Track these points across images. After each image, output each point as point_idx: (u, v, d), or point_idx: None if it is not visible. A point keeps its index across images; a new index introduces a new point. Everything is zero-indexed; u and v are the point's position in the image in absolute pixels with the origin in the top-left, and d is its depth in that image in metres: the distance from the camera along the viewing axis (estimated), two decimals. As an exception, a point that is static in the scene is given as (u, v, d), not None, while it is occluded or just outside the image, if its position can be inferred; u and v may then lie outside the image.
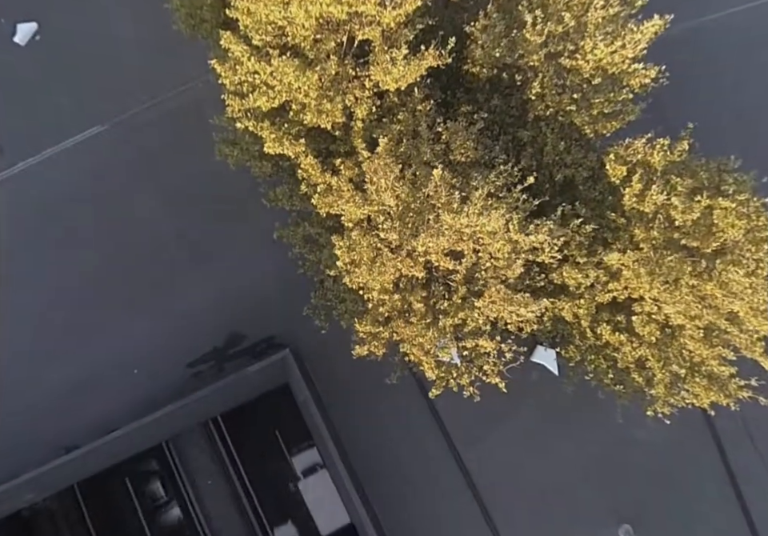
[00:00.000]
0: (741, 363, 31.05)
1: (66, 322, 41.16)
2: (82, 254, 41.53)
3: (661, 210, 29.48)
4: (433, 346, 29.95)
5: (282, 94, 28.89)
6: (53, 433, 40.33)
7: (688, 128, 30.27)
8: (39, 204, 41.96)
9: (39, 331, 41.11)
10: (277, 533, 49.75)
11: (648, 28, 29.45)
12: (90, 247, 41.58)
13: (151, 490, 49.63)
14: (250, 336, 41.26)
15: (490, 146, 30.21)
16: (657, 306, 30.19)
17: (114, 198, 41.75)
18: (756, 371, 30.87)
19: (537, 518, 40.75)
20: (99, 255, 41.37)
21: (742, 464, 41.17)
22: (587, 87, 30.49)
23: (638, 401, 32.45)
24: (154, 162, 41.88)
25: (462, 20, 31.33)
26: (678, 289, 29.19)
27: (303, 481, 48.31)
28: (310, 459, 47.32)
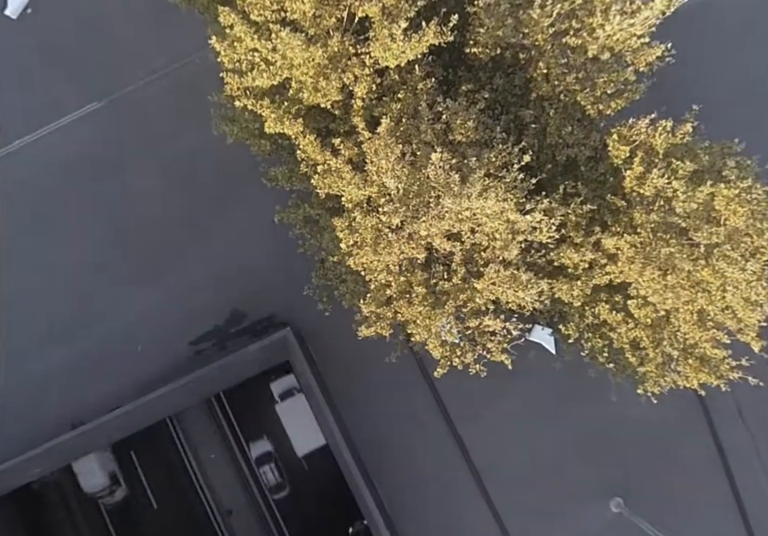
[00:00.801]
0: (732, 343, 29.56)
1: (67, 301, 39.42)
2: (81, 231, 39.63)
3: (661, 193, 27.57)
4: (437, 327, 28.45)
5: (283, 70, 26.74)
6: (58, 409, 38.99)
7: (693, 110, 28.10)
8: (38, 181, 39.80)
9: (42, 310, 39.37)
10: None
11: (658, 4, 27.30)
12: (89, 224, 39.63)
13: (156, 462, 48.74)
14: (251, 315, 39.65)
15: (490, 125, 28.16)
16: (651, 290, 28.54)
17: (112, 175, 39.61)
18: (748, 351, 29.11)
19: (531, 491, 39.81)
20: (99, 232, 39.49)
21: (731, 440, 40.11)
22: (591, 66, 28.41)
23: (630, 379, 31.11)
24: (153, 138, 39.60)
25: None
26: (673, 273, 27.45)
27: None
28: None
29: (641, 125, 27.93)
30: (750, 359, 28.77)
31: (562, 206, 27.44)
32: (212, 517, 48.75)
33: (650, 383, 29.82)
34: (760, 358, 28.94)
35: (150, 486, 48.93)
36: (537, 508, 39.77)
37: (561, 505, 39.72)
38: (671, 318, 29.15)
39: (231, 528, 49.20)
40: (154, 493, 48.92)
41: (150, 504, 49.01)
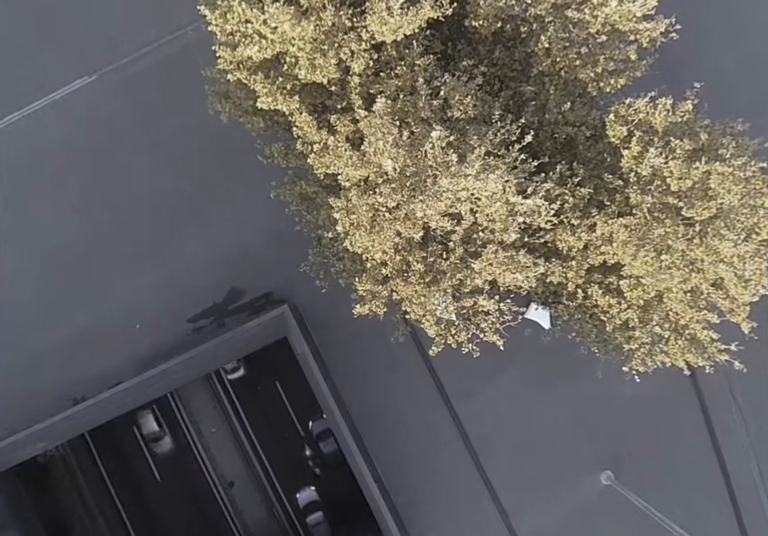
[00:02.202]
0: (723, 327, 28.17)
1: (65, 279, 37.47)
2: (75, 208, 37.46)
3: (658, 173, 25.84)
4: (433, 305, 27.26)
5: (276, 44, 24.68)
6: (60, 385, 37.29)
7: (694, 88, 26.12)
8: (31, 158, 37.44)
9: (40, 288, 37.44)
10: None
11: None
12: (85, 202, 37.42)
13: (158, 437, 47.59)
14: (249, 291, 37.84)
15: (489, 102, 26.31)
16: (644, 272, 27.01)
17: (106, 151, 37.30)
18: (738, 335, 27.77)
19: (525, 464, 38.70)
20: (94, 210, 37.33)
21: (721, 419, 38.79)
22: (593, 42, 26.39)
23: (620, 357, 29.92)
24: (146, 114, 37.19)
25: None
26: (667, 253, 25.89)
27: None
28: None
29: (639, 104, 25.95)
30: (739, 344, 27.51)
31: (560, 187, 25.79)
32: (214, 489, 48.07)
33: (636, 362, 28.54)
34: (751, 342, 27.58)
35: (154, 460, 47.92)
36: (530, 480, 38.71)
37: (553, 477, 38.68)
38: (663, 299, 27.63)
39: (233, 499, 48.70)
40: (157, 467, 47.95)
41: (153, 477, 48.13)
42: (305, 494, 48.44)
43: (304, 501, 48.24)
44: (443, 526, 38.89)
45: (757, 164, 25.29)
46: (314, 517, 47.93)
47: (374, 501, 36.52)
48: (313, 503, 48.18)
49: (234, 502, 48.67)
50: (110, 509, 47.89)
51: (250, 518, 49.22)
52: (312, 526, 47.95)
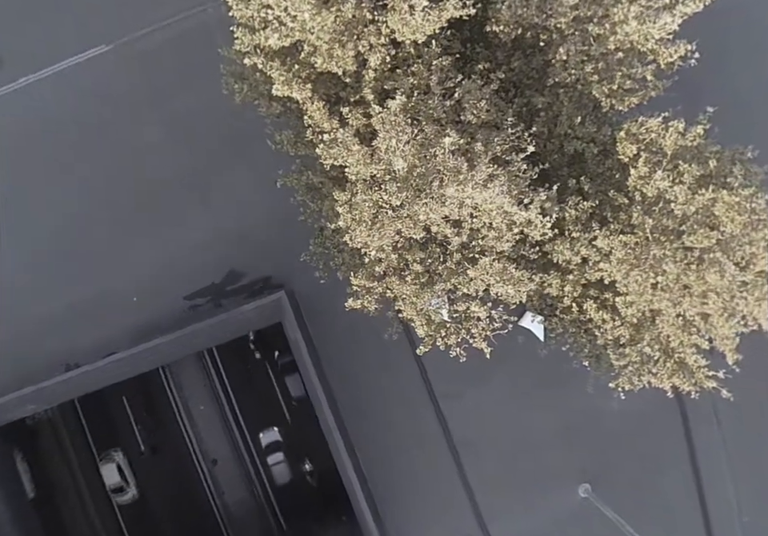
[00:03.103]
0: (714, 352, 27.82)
1: (65, 249, 37.30)
2: (82, 178, 37.15)
3: (663, 195, 25.29)
4: (425, 305, 26.88)
5: (295, 32, 24.16)
6: (54, 350, 37.23)
7: (706, 112, 25.55)
8: (40, 123, 37.09)
9: (42, 254, 37.34)
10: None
11: (681, 9, 24.58)
12: (89, 174, 37.13)
13: (147, 409, 47.39)
14: (248, 274, 37.57)
15: (503, 107, 25.83)
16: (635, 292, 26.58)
17: (116, 122, 36.95)
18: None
19: (505, 469, 38.44)
20: (99, 183, 37.02)
21: (704, 443, 38.49)
22: (612, 58, 25.85)
23: (610, 373, 29.61)
24: (158, 89, 36.79)
25: None
26: (663, 276, 25.38)
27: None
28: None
29: (651, 124, 25.37)
30: (727, 372, 26.93)
31: (560, 204, 25.45)
32: (198, 465, 47.90)
33: (623, 379, 28.02)
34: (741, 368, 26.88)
35: (140, 432, 47.72)
36: (508, 485, 38.45)
37: (532, 484, 38.38)
38: (656, 320, 27.16)
39: (215, 476, 48.52)
40: (142, 438, 47.78)
41: (138, 448, 47.93)
42: (268, 434, 48.10)
43: (266, 440, 47.96)
44: (418, 522, 38.56)
45: (764, 196, 24.70)
46: (274, 456, 47.75)
47: (355, 494, 36.41)
48: (274, 443, 47.88)
49: (216, 479, 48.50)
50: (93, 476, 47.76)
51: (231, 496, 49.07)
52: (272, 465, 47.82)
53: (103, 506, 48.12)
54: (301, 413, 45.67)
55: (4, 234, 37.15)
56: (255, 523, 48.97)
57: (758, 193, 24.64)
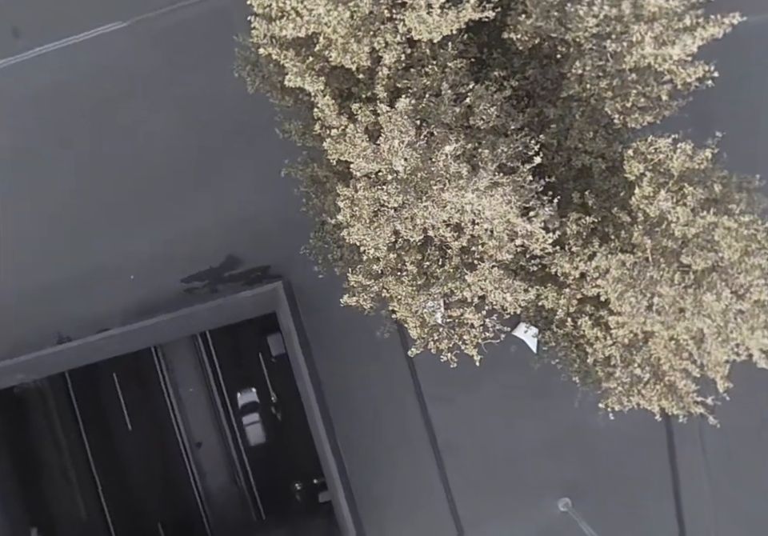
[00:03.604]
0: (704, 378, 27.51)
1: (66, 222, 37.08)
2: (88, 153, 36.88)
3: (665, 216, 25.03)
4: (420, 308, 26.71)
5: (311, 25, 23.92)
6: (48, 322, 37.11)
7: (716, 137, 25.19)
8: (49, 95, 36.71)
9: (44, 225, 37.16)
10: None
11: (701, 32, 24.16)
12: (97, 148, 36.80)
13: (136, 387, 47.34)
14: (246, 262, 37.34)
15: (513, 115, 25.56)
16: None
17: (125, 100, 36.60)
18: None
19: (486, 476, 38.05)
20: (106, 158, 36.73)
21: (687, 467, 38.01)
22: (627, 76, 25.46)
23: (596, 390, 29.51)
24: (172, 69, 36.40)
25: None
26: (658, 297, 25.09)
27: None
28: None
29: (661, 144, 25.07)
30: (716, 399, 26.81)
31: (562, 217, 25.28)
32: (182, 446, 47.85)
33: (612, 399, 27.87)
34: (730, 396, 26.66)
35: (128, 408, 47.70)
36: (488, 494, 38.04)
37: (512, 494, 38.00)
38: (649, 341, 26.90)
39: (198, 459, 48.46)
40: (130, 415, 47.74)
41: (125, 425, 47.90)
42: (246, 395, 48.07)
43: (243, 401, 47.93)
44: (394, 519, 38.32)
45: (764, 223, 24.44)
46: (250, 416, 47.68)
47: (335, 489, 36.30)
48: (251, 404, 47.80)
49: (200, 462, 48.45)
50: (78, 449, 47.69)
51: (213, 481, 49.02)
52: (246, 424, 47.72)
53: (85, 479, 48.14)
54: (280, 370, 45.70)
55: (7, 202, 37.01)
56: (235, 509, 48.89)
57: (758, 220, 24.38)
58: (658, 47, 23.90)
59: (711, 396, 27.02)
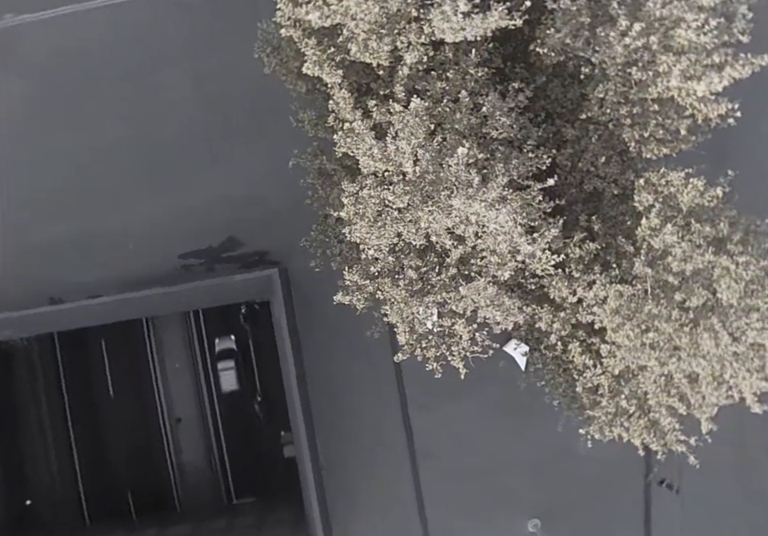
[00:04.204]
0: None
1: (75, 181, 36.93)
2: (101, 117, 36.68)
3: (669, 250, 24.71)
4: (411, 314, 26.60)
5: (337, 15, 23.58)
6: (41, 282, 37.16)
7: (727, 175, 24.99)
8: (75, 54, 36.54)
9: (50, 184, 36.99)
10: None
11: (729, 71, 23.76)
12: (111, 113, 36.65)
13: (123, 356, 47.17)
14: (246, 245, 37.24)
15: (529, 129, 25.18)
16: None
17: (145, 67, 36.47)
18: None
19: (460, 488, 37.81)
20: (118, 124, 36.59)
21: (661, 503, 37.79)
22: (649, 105, 25.08)
23: (580, 416, 29.46)
24: (192, 45, 36.22)
25: None
26: (654, 332, 24.87)
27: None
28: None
29: (673, 177, 24.71)
30: (698, 440, 26.61)
31: (566, 239, 25.02)
32: (161, 420, 47.54)
33: (594, 428, 27.79)
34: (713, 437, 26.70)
35: (112, 376, 47.53)
36: (460, 506, 37.91)
37: (483, 510, 37.81)
38: (638, 375, 26.65)
39: (176, 435, 48.13)
40: (113, 383, 47.57)
41: (107, 391, 47.73)
42: (224, 341, 47.78)
43: (221, 346, 47.75)
44: (363, 520, 38.19)
45: (760, 264, 24.14)
46: (225, 363, 47.40)
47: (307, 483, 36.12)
48: (228, 350, 47.55)
49: (177, 439, 48.11)
50: (57, 410, 47.45)
51: (188, 459, 48.68)
52: (221, 370, 47.36)
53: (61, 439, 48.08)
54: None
55: (16, 158, 36.92)
56: (206, 490, 48.66)
57: (756, 261, 24.07)
58: (683, 81, 23.47)
59: (694, 436, 26.73)
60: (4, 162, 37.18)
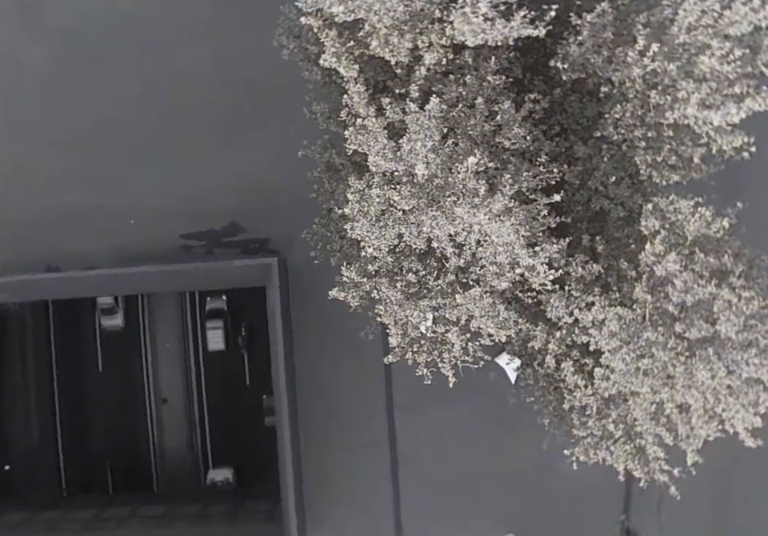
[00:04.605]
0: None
1: (85, 151, 36.76)
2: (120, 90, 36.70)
3: (671, 278, 24.37)
4: (405, 317, 26.26)
5: (360, 10, 23.33)
6: (40, 248, 37.00)
7: (735, 207, 24.65)
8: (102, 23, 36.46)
9: (60, 151, 36.84)
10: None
11: (749, 103, 23.45)
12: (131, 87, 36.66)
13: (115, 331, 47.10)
14: (247, 231, 37.19)
15: (542, 141, 24.93)
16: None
17: (166, 44, 36.38)
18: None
19: (438, 495, 37.86)
20: (137, 98, 36.55)
21: (640, 525, 37.69)
22: (665, 130, 24.82)
23: (567, 437, 29.11)
24: (218, 24, 36.03)
25: (576, 1, 25.10)
26: (649, 359, 24.59)
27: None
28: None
29: (681, 205, 24.38)
30: (682, 471, 26.48)
31: (568, 257, 24.81)
32: (147, 399, 47.71)
33: (579, 449, 27.53)
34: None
35: (103, 350, 47.57)
36: (436, 513, 37.88)
37: (458, 519, 37.78)
38: (629, 401, 26.42)
39: (160, 415, 48.36)
40: (103, 357, 47.64)
41: (96, 365, 47.82)
42: (215, 301, 47.66)
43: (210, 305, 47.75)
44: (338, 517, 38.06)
45: (763, 302, 23.89)
46: (213, 322, 47.43)
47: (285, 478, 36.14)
48: (218, 310, 47.45)
49: (161, 419, 48.35)
50: (45, 378, 47.72)
51: (170, 440, 48.83)
52: (209, 329, 47.45)
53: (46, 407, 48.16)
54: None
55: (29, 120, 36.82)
56: (185, 473, 48.71)
57: (760, 298, 23.83)
58: (701, 109, 23.21)
59: (678, 468, 26.65)
60: (16, 126, 37.05)
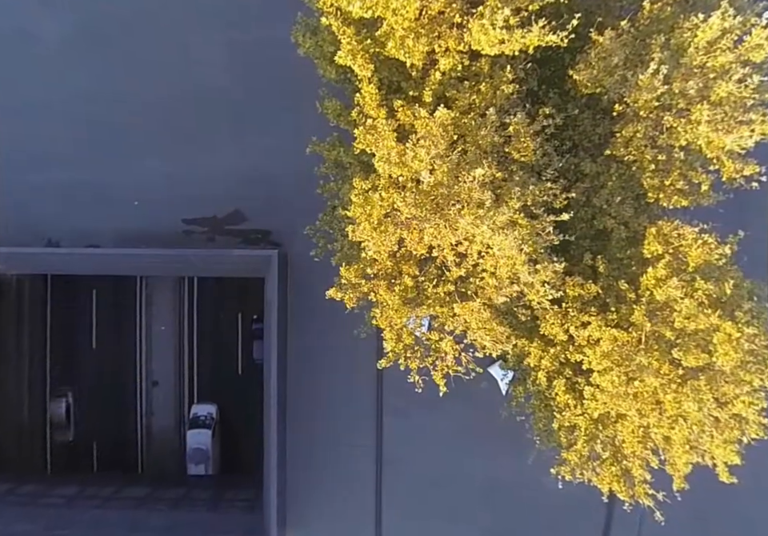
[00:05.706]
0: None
1: (95, 129, 36.68)
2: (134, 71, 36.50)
3: (671, 304, 24.33)
4: (400, 323, 26.30)
5: (378, 8, 23.16)
6: (42, 222, 37.00)
7: (737, 235, 24.49)
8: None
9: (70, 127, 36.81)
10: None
11: (762, 128, 23.33)
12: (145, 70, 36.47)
13: (111, 309, 47.14)
14: (250, 221, 36.99)
15: (551, 155, 24.69)
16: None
17: (184, 25, 36.25)
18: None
19: (419, 501, 37.81)
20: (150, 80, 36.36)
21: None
22: (676, 153, 24.56)
23: (554, 454, 28.99)
24: (234, 14, 35.84)
25: (598, 18, 24.90)
26: (640, 383, 24.65)
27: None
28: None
29: (685, 231, 24.31)
30: (666, 495, 26.50)
31: (568, 276, 24.69)
32: (138, 380, 47.74)
33: (565, 468, 27.48)
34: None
35: (97, 327, 47.61)
36: (416, 517, 37.79)
37: (438, 524, 37.80)
38: (617, 423, 26.37)
39: (150, 398, 48.43)
40: (97, 335, 47.64)
41: (90, 342, 47.81)
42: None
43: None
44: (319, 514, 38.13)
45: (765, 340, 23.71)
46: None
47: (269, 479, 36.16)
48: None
49: (151, 402, 48.46)
50: (38, 352, 47.82)
51: (158, 424, 48.99)
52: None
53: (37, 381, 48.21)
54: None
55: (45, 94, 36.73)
56: (171, 458, 48.79)
57: (762, 335, 23.69)
58: (713, 130, 22.94)
59: (663, 492, 26.60)
60: (27, 98, 36.95)
